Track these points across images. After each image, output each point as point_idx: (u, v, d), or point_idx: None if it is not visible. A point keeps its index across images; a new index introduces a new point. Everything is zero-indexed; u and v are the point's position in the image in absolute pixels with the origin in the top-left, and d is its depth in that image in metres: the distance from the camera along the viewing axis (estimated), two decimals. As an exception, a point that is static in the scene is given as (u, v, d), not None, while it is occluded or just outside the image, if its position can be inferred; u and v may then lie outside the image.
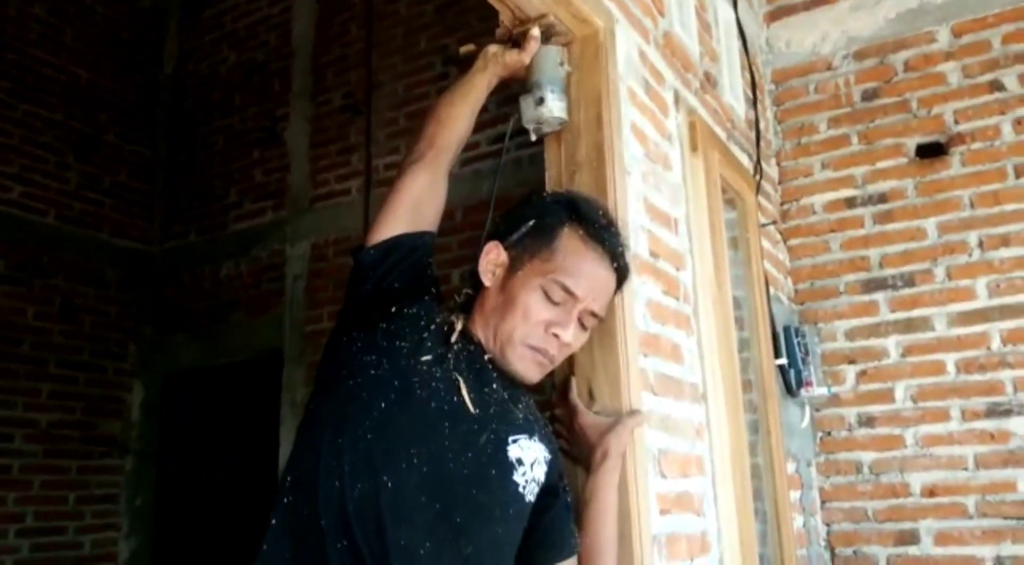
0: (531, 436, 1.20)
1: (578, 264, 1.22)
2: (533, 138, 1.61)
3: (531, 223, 1.27)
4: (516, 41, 1.56)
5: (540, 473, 1.18)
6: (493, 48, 1.52)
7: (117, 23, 4.75)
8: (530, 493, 1.16)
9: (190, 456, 4.28)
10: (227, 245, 4.48)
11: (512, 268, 1.24)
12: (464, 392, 1.13)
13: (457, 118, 1.40)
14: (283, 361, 3.99)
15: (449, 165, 1.37)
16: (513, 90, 1.63)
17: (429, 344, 1.15)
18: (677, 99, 2.01)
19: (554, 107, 1.54)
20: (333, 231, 4.15)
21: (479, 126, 4.66)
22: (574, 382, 1.51)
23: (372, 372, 1.10)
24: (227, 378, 4.36)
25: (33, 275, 4.04)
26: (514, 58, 1.51)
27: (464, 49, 1.57)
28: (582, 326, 1.24)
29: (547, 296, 1.20)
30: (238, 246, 4.43)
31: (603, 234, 1.26)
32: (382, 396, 1.07)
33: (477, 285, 1.28)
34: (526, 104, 1.54)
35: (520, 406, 1.24)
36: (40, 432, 3.95)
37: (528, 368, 1.21)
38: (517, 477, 1.14)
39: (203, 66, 4.95)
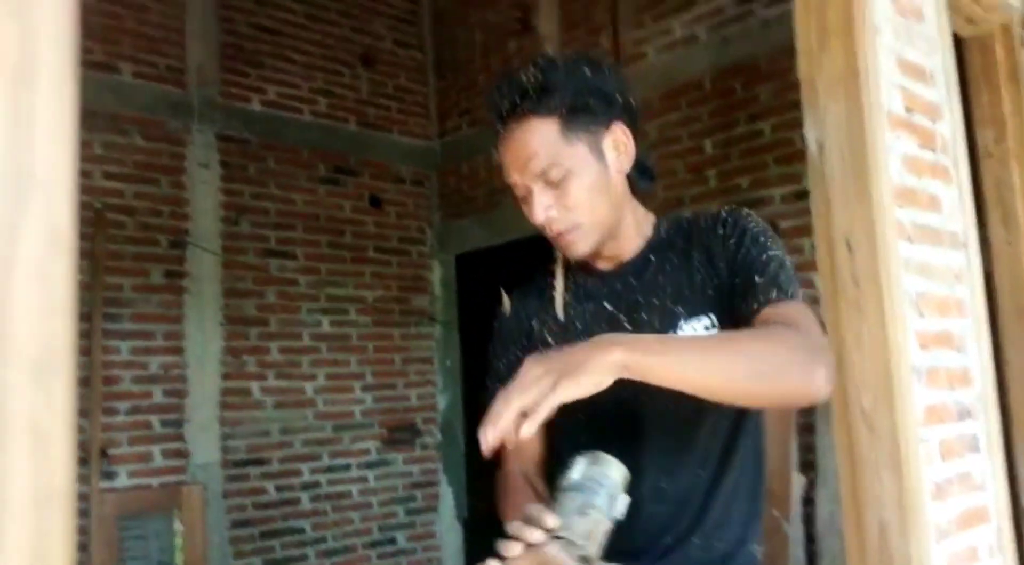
0: (667, 302, 1.20)
1: (501, 154, 1.19)
2: None
3: None
4: None
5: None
6: None
7: (378, -65, 5.22)
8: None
9: (484, 323, 4.95)
10: (494, 134, 4.94)
11: None
12: (595, 320, 1.23)
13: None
14: (555, 236, 4.43)
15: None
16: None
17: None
18: (933, -54, 1.99)
19: None
20: (590, 111, 4.42)
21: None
22: None
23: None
24: (508, 255, 4.92)
25: (346, 175, 4.80)
26: None
27: None
28: (548, 186, 1.15)
29: (518, 198, 1.20)
30: (505, 134, 4.86)
31: (496, 100, 1.18)
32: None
33: None
34: None
35: (637, 280, 1.23)
36: (368, 306, 4.79)
37: (568, 252, 1.20)
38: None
39: (457, -34, 5.32)
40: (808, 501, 3.37)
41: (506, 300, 1.37)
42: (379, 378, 4.80)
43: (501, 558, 0.90)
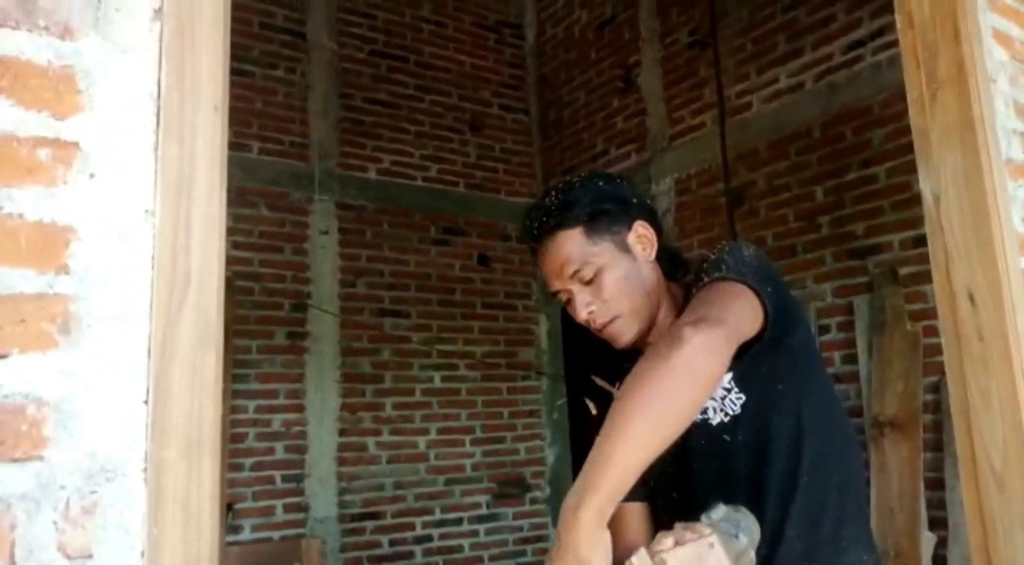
0: None
1: (540, 268, 1.33)
2: None
3: None
4: None
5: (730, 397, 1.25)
6: None
7: (484, 7, 5.46)
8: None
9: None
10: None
11: None
12: None
13: None
14: (662, 288, 4.41)
15: None
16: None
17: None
18: (1050, -13, 1.92)
19: None
20: (694, 164, 4.42)
21: (829, 37, 4.55)
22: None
23: None
24: (614, 308, 4.93)
25: (455, 235, 4.96)
26: None
27: None
28: (586, 286, 1.27)
29: (563, 302, 1.33)
30: (609, 189, 4.91)
31: (527, 224, 1.32)
32: None
33: None
34: None
35: None
36: (477, 361, 4.88)
37: (615, 342, 1.30)
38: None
39: (559, 30, 5.48)
40: (939, 559, 3.16)
41: (591, 406, 1.41)
42: (488, 432, 4.85)
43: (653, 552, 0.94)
